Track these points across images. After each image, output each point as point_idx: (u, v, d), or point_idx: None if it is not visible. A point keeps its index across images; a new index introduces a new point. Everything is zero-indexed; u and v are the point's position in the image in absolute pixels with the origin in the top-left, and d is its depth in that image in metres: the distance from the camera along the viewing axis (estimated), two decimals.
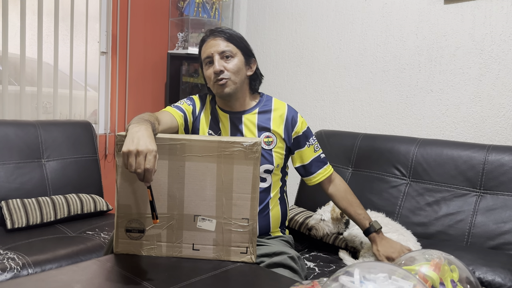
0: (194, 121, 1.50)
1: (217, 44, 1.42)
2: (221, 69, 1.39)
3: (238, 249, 1.16)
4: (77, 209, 2.10)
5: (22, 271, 1.57)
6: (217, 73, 1.39)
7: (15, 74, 2.48)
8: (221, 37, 1.43)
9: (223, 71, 1.40)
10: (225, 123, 1.49)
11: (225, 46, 1.42)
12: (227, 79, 1.40)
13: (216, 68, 1.39)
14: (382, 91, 2.31)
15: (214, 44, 1.42)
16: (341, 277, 0.70)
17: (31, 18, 2.48)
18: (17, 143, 2.10)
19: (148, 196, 1.06)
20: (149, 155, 1.01)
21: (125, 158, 1.02)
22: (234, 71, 1.41)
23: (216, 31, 1.45)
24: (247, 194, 1.15)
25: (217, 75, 1.40)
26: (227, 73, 1.40)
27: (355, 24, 2.42)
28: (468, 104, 2.01)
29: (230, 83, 1.41)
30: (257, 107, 1.51)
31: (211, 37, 1.44)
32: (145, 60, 3.02)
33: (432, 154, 1.88)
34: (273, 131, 1.48)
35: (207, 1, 2.97)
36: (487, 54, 1.95)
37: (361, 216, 1.53)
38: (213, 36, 1.44)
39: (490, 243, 1.66)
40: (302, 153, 1.54)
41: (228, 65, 1.41)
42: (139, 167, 1.00)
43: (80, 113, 2.77)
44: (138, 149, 1.01)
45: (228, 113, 1.49)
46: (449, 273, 0.83)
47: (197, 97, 1.56)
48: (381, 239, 1.49)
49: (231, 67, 1.41)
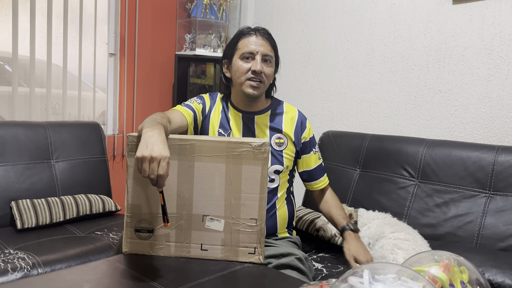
0: (203, 120, 1.51)
1: (264, 45, 1.44)
2: (261, 70, 1.41)
3: (246, 249, 1.17)
4: (86, 210, 2.11)
5: (32, 270, 1.58)
6: (256, 73, 1.41)
7: (24, 75, 2.50)
8: (267, 40, 1.45)
9: (262, 74, 1.42)
10: (237, 122, 1.49)
11: (269, 50, 1.45)
12: (262, 82, 1.43)
13: (258, 68, 1.40)
14: (390, 91, 2.30)
15: (260, 43, 1.43)
16: (350, 278, 0.70)
17: (40, 20, 2.50)
18: (27, 144, 2.12)
19: (160, 201, 1.08)
20: (163, 161, 1.02)
21: (139, 163, 1.03)
22: (268, 77, 1.45)
23: (263, 32, 1.46)
24: (256, 194, 1.15)
25: (255, 74, 1.41)
26: (264, 78, 1.43)
27: (363, 25, 2.41)
28: (477, 104, 2.00)
29: (262, 86, 1.44)
30: (270, 109, 1.53)
31: (258, 35, 1.45)
32: (153, 61, 3.04)
33: (441, 155, 1.87)
34: (284, 133, 1.50)
35: (214, 2, 2.98)
36: (496, 54, 1.94)
37: (341, 216, 1.56)
38: (260, 35, 1.45)
39: (500, 245, 1.65)
40: (308, 158, 1.57)
41: (266, 70, 1.43)
42: (153, 173, 1.02)
43: (89, 114, 2.79)
44: (152, 156, 1.02)
45: (241, 112, 1.50)
46: (458, 275, 0.82)
47: (208, 96, 1.56)
48: (356, 240, 1.48)
49: (269, 73, 1.45)
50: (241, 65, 1.43)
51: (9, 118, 2.41)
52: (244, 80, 1.42)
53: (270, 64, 1.45)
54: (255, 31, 1.45)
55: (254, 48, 1.42)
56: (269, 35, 1.47)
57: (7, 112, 2.43)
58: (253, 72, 1.41)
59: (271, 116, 1.51)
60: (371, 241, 1.69)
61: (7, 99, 2.42)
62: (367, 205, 1.94)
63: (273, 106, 1.54)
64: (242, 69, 1.43)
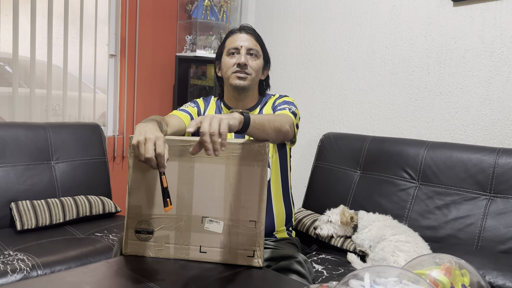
0: None
1: (248, 39, 1.51)
2: (245, 63, 1.47)
3: (245, 252, 1.16)
4: (85, 211, 2.11)
5: (31, 272, 1.58)
6: (241, 65, 1.47)
7: (25, 76, 2.50)
8: (252, 35, 1.53)
9: (247, 66, 1.47)
10: None
11: (254, 45, 1.51)
12: (249, 75, 1.48)
13: (242, 60, 1.46)
14: (390, 93, 2.30)
15: (245, 38, 1.51)
16: (351, 281, 0.69)
17: (41, 21, 2.50)
18: (27, 145, 2.12)
19: (164, 183, 1.05)
20: (158, 141, 1.03)
21: (136, 150, 1.04)
22: (255, 70, 1.50)
23: (248, 28, 1.55)
24: (255, 196, 1.15)
25: (240, 67, 1.47)
26: (250, 70, 1.48)
27: (364, 26, 2.41)
28: (478, 106, 2.00)
29: (249, 78, 1.49)
30: (259, 104, 1.57)
31: (243, 31, 1.53)
32: (154, 62, 3.04)
33: (442, 157, 1.87)
34: None
35: (215, 4, 2.98)
36: (497, 57, 1.94)
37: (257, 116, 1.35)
38: (244, 31, 1.53)
39: (501, 247, 1.64)
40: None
41: (252, 63, 1.50)
42: (148, 152, 1.01)
43: (89, 115, 2.78)
44: (146, 137, 1.02)
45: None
46: (460, 278, 0.82)
47: (201, 100, 1.62)
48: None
49: (255, 66, 1.50)
50: (228, 61, 1.50)
51: (9, 119, 2.41)
52: (230, 73, 1.49)
53: (255, 58, 1.52)
54: (240, 29, 1.54)
55: (238, 44, 1.50)
56: (253, 30, 1.55)
57: (7, 113, 2.43)
58: (238, 65, 1.47)
59: (260, 111, 1.55)
60: (372, 243, 1.69)
61: (8, 100, 2.42)
62: (368, 207, 1.94)
63: (262, 101, 1.58)
64: (228, 64, 1.50)
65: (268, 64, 1.59)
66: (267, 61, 1.58)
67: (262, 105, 1.57)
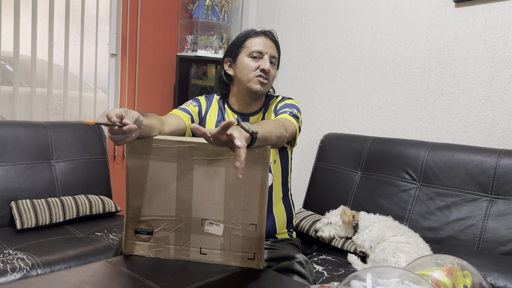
0: (200, 122, 1.52)
1: (272, 46, 1.50)
2: (269, 70, 1.46)
3: (245, 254, 1.16)
4: (86, 210, 2.11)
5: (31, 271, 1.57)
6: (265, 71, 1.45)
7: (26, 75, 2.50)
8: (274, 43, 1.52)
9: (269, 73, 1.47)
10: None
11: (276, 53, 1.51)
12: (268, 81, 1.48)
13: (267, 67, 1.45)
14: (392, 94, 2.29)
15: (269, 45, 1.50)
16: (352, 282, 0.69)
17: (42, 20, 2.50)
18: (28, 144, 2.11)
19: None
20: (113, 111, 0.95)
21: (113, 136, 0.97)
22: (273, 77, 1.51)
23: (272, 35, 1.53)
24: (256, 199, 1.14)
25: (263, 72, 1.46)
26: (269, 77, 1.48)
27: (365, 27, 2.41)
28: (479, 108, 1.99)
29: (268, 85, 1.48)
30: (262, 108, 1.56)
31: (267, 37, 1.51)
32: (154, 62, 3.03)
33: (443, 158, 1.86)
34: None
35: (216, 3, 2.98)
36: (499, 58, 1.93)
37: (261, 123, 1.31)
38: (268, 37, 1.51)
39: (502, 249, 1.64)
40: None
41: (272, 71, 1.49)
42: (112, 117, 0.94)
43: (90, 115, 2.78)
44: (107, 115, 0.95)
45: (236, 113, 1.51)
46: (461, 279, 0.81)
47: (203, 98, 1.58)
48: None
49: (273, 74, 1.51)
50: (249, 63, 1.47)
51: (10, 118, 2.41)
52: (252, 76, 1.46)
53: (274, 67, 1.51)
54: (264, 33, 1.51)
55: (263, 48, 1.47)
56: (276, 40, 1.54)
57: (8, 112, 2.42)
58: (262, 70, 1.45)
59: (263, 115, 1.54)
60: (372, 244, 1.69)
61: (8, 99, 2.42)
62: (368, 208, 1.93)
63: (265, 104, 1.56)
64: (250, 66, 1.47)
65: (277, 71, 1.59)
66: (278, 68, 1.58)
67: (265, 108, 1.55)
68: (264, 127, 1.11)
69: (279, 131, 1.20)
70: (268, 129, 1.12)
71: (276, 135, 1.17)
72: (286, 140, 1.31)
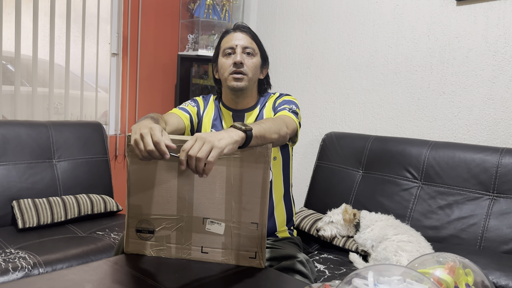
0: (199, 122, 1.53)
1: (243, 38, 1.46)
2: (241, 61, 1.42)
3: (246, 253, 1.15)
4: (87, 209, 2.11)
5: (33, 270, 1.58)
6: (237, 64, 1.42)
7: (27, 75, 2.50)
8: (247, 33, 1.48)
9: (243, 64, 1.43)
10: (227, 121, 1.50)
11: (249, 43, 1.47)
12: (245, 74, 1.44)
13: (238, 59, 1.42)
14: (393, 93, 2.29)
15: (239, 37, 1.46)
16: (354, 280, 0.69)
17: (43, 20, 2.50)
18: (29, 143, 2.12)
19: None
20: (153, 131, 1.00)
21: (136, 150, 1.02)
22: (252, 69, 1.45)
23: (243, 27, 1.50)
24: (257, 198, 1.14)
25: (236, 66, 1.43)
26: (246, 69, 1.44)
27: (366, 26, 2.40)
28: (481, 106, 1.99)
29: (245, 78, 1.44)
30: (259, 104, 1.54)
31: (237, 30, 1.48)
32: (156, 61, 3.03)
33: (444, 157, 1.86)
34: None
35: (217, 3, 2.98)
36: (500, 56, 1.93)
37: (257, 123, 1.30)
38: (239, 30, 1.48)
39: (504, 248, 1.64)
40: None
41: (248, 61, 1.45)
42: (148, 145, 0.98)
43: (91, 114, 2.78)
44: (141, 133, 1.00)
45: (231, 110, 1.51)
46: (463, 277, 0.81)
47: (201, 98, 1.59)
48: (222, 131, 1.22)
49: (250, 64, 1.45)
50: (224, 62, 1.46)
51: (11, 117, 2.41)
52: (227, 75, 1.45)
53: (252, 56, 1.47)
54: (235, 28, 1.50)
55: (233, 43, 1.45)
56: (248, 28, 1.50)
57: (9, 111, 2.43)
58: (234, 64, 1.43)
59: (260, 111, 1.52)
60: (374, 243, 1.69)
61: (10, 98, 2.42)
62: (370, 207, 1.93)
63: (262, 100, 1.54)
64: (225, 65, 1.46)
65: (266, 62, 1.54)
66: (265, 59, 1.53)
67: (262, 105, 1.53)
68: (261, 125, 1.12)
69: (278, 127, 1.21)
70: (265, 126, 1.13)
71: (276, 132, 1.18)
72: (288, 137, 1.31)
